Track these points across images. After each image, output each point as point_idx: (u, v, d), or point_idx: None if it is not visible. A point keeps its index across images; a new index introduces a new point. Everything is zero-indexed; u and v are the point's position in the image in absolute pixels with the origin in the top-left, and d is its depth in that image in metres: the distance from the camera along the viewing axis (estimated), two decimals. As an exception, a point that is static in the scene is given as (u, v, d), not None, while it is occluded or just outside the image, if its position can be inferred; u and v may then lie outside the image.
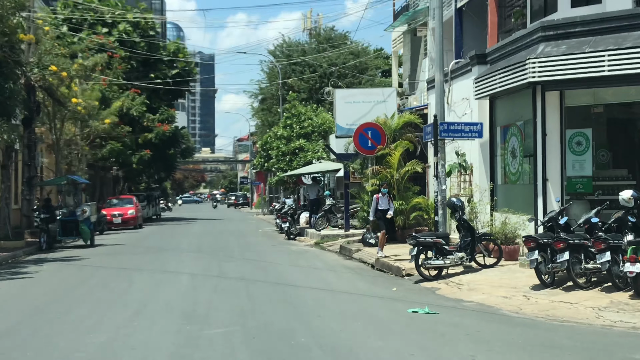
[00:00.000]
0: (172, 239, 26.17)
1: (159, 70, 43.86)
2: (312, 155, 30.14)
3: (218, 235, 27.76)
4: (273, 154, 31.41)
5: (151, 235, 28.83)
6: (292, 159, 30.80)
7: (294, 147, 30.73)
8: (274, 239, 25.99)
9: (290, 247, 22.08)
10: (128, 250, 21.25)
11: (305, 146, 30.51)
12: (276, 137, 31.84)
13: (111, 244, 23.81)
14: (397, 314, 9.96)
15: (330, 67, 43.16)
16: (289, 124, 31.49)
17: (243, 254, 19.36)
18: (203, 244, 23.17)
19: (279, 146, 31.28)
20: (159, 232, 31.89)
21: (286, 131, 31.32)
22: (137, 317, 9.83)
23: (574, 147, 14.07)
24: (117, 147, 36.73)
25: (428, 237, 13.43)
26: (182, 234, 29.29)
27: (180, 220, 45.58)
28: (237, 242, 24.33)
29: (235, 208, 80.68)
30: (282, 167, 30.96)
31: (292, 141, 30.94)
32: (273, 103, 46.56)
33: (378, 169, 19.27)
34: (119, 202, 35.78)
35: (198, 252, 20.31)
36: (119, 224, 33.99)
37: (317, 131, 31.06)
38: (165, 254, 19.78)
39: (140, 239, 26.82)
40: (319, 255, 19.24)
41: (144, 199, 44.51)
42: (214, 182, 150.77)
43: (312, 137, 31.05)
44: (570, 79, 13.47)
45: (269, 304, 10.81)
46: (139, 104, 39.52)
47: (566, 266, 11.27)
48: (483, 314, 10.13)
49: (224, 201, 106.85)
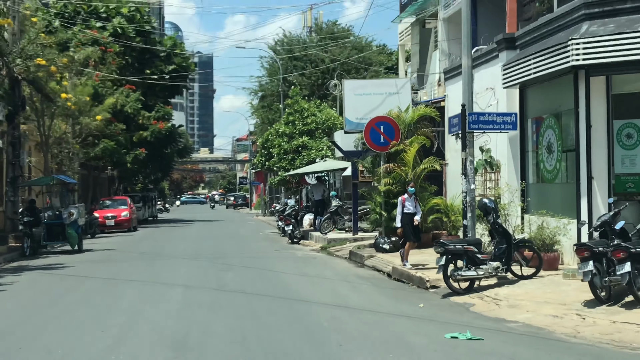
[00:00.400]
0: (167, 244, 24.41)
1: (155, 66, 42.08)
2: (315, 154, 28.40)
3: (216, 239, 26.02)
4: (274, 152, 29.63)
5: (145, 239, 27.07)
6: (294, 158, 29.05)
7: (296, 145, 28.97)
8: (276, 242, 24.25)
9: (295, 252, 20.34)
10: (118, 257, 19.48)
11: (308, 144, 28.77)
12: (278, 135, 30.07)
13: (101, 249, 22.04)
14: (433, 341, 8.20)
15: (333, 63, 41.42)
16: (291, 120, 29.71)
17: (244, 261, 17.60)
18: (200, 249, 21.42)
19: (280, 144, 29.50)
20: (154, 235, 30.13)
21: (288, 128, 29.55)
22: (117, 346, 8.06)
23: (623, 140, 12.33)
24: (111, 145, 34.95)
25: (458, 245, 11.67)
26: (179, 238, 27.54)
27: (177, 222, 43.83)
28: (237, 246, 22.59)
29: (235, 209, 78.89)
30: (284, 166, 29.21)
31: (295, 138, 29.18)
32: (273, 100, 44.81)
33: (392, 166, 17.52)
34: (112, 204, 34.00)
35: (194, 258, 18.56)
36: (112, 227, 32.23)
37: (321, 128, 29.31)
38: (158, 261, 18.01)
39: (134, 243, 25.06)
40: (328, 262, 17.50)
41: (139, 200, 42.77)
42: (213, 182, 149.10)
43: (316, 134, 29.31)
44: (619, 62, 11.74)
45: (276, 326, 9.05)
46: (134, 101, 37.76)
47: (628, 279, 9.51)
48: (535, 339, 8.39)
49: (222, 202, 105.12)
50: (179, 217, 51.55)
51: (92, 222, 28.39)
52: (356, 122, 19.99)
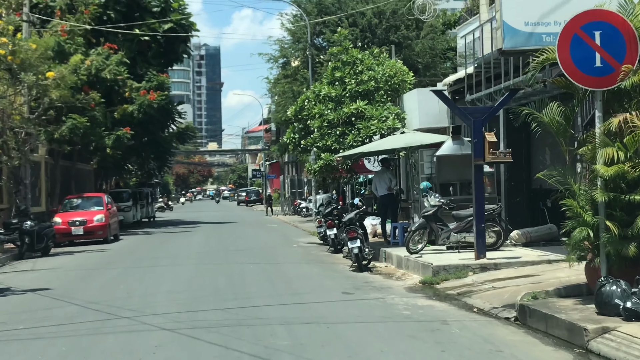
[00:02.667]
0: (151, 272, 14.69)
1: (147, 25, 32.31)
2: (377, 126, 18.61)
3: (231, 259, 16.34)
4: (314, 125, 19.75)
5: (120, 260, 17.36)
6: (344, 133, 19.29)
7: (348, 114, 19.17)
8: (330, 267, 14.54)
9: (384, 297, 10.53)
10: (36, 317, 9.75)
11: (366, 111, 18.95)
12: (317, 99, 20.22)
13: (20, 290, 12.30)
14: None
15: (376, 17, 31.64)
16: (339, 77, 19.84)
17: (291, 327, 7.97)
18: (204, 289, 11.72)
19: (323, 113, 19.65)
20: (139, 249, 20.45)
21: (334, 89, 19.71)
22: None
23: None
24: (82, 123, 25.28)
25: None
26: (172, 257, 17.81)
27: (178, 225, 34.15)
28: (268, 279, 12.86)
29: (247, 206, 69.07)
30: (328, 144, 19.41)
31: (345, 104, 19.37)
32: (299, 68, 35.09)
33: (630, 118, 7.77)
34: (82, 204, 24.28)
35: (191, 320, 8.83)
36: (81, 236, 22.57)
37: (384, 88, 19.51)
38: (112, 334, 8.28)
39: (94, 270, 15.34)
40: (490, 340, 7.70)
41: (128, 197, 33.13)
42: (222, 177, 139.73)
43: (376, 97, 19.51)
44: None
45: None
46: (116, 64, 28.05)
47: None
48: None
49: (232, 198, 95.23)
50: (182, 218, 41.89)
51: (42, 232, 18.75)
52: (527, 31, 10.10)
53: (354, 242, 13.79)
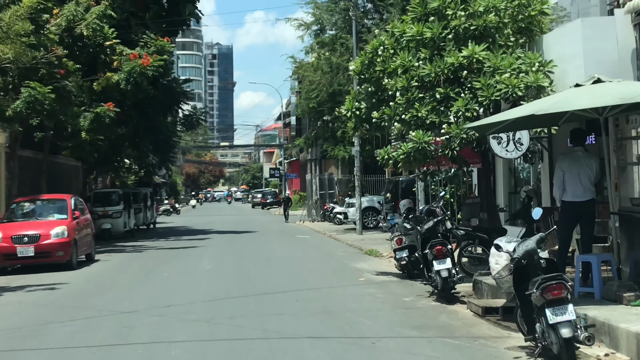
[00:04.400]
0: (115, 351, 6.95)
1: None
2: (510, 82, 10.79)
3: (270, 324, 8.58)
4: (395, 85, 11.76)
5: (65, 316, 9.61)
6: (448, 96, 11.47)
7: (452, 66, 11.30)
8: (462, 339, 6.71)
9: None
10: None
11: (486, 61, 11.09)
12: (399, 46, 12.30)
13: None
14: None
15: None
16: (436, 7, 11.84)
17: None
18: None
19: (410, 66, 11.74)
20: (110, 288, 12.66)
21: (429, 27, 11.82)
22: None
23: None
24: (45, 94, 17.58)
25: None
26: (160, 309, 10.05)
27: (184, 235, 26.50)
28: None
29: (263, 209, 61.33)
30: (420, 116, 11.54)
31: (448, 52, 11.50)
32: (339, 35, 27.43)
33: None
34: (37, 210, 16.44)
35: None
36: (31, 259, 14.87)
37: (510, 25, 11.71)
38: None
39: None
40: None
41: (118, 199, 25.44)
42: (234, 178, 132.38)
43: (498, 39, 11.70)
44: None
45: None
46: (97, 17, 20.39)
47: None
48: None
49: (245, 199, 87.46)
50: (189, 225, 34.25)
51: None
52: None
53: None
